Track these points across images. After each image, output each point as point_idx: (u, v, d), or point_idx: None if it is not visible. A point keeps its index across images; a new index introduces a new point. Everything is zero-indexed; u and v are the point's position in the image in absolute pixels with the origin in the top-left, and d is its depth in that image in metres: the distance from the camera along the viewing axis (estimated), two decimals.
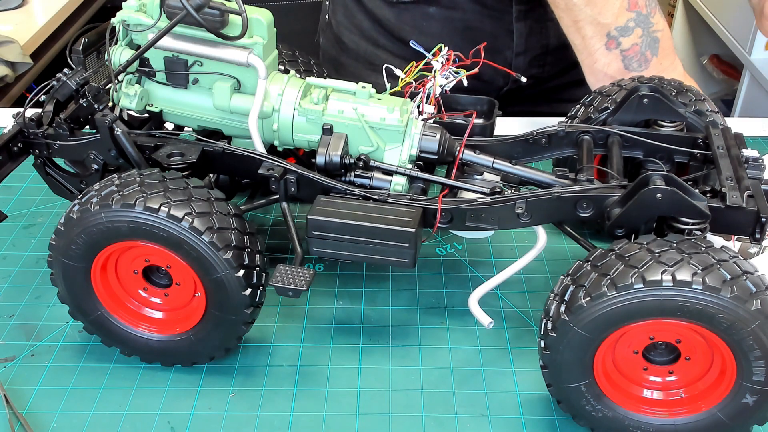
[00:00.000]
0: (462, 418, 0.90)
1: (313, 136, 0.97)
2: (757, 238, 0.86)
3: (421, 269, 1.10)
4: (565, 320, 0.80)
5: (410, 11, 1.28)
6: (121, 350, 0.97)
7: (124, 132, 0.95)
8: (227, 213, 0.88)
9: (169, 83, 0.98)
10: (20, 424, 0.88)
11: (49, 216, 1.20)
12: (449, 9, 1.33)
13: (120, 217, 0.85)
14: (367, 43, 1.39)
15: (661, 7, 1.21)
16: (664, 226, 0.87)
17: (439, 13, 1.34)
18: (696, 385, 0.84)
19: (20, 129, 0.98)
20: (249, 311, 0.89)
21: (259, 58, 0.94)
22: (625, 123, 1.02)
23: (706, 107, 1.04)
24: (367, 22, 1.40)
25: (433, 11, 1.33)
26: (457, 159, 0.98)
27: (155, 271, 0.94)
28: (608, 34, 1.14)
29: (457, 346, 0.99)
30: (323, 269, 1.10)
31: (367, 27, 1.40)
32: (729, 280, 0.76)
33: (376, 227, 0.88)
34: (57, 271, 0.91)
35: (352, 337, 1.00)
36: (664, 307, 0.77)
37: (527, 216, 0.91)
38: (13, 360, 0.97)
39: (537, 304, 1.05)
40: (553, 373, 0.84)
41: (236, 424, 0.89)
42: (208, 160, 0.97)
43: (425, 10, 1.33)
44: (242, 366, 0.96)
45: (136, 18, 0.95)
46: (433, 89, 1.00)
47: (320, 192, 0.93)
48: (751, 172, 0.89)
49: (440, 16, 1.33)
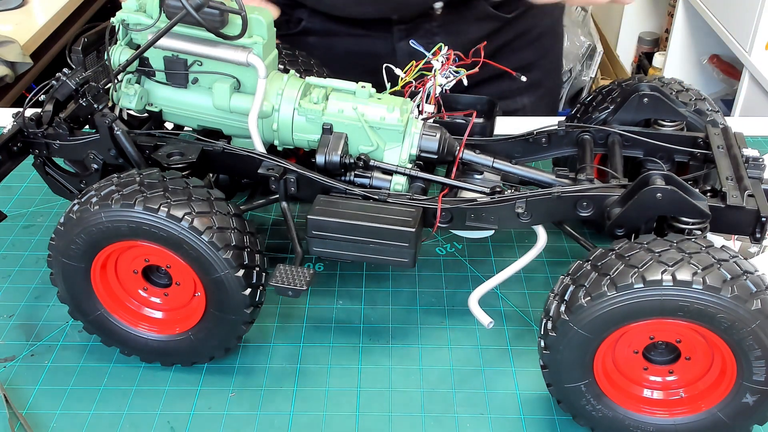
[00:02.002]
0: (462, 418, 0.90)
1: (312, 136, 0.97)
2: (758, 237, 0.86)
3: (421, 269, 1.10)
4: (566, 320, 0.80)
5: (291, 42, 1.31)
6: (121, 350, 0.96)
7: (124, 131, 0.95)
8: (227, 213, 0.88)
9: (168, 83, 0.98)
10: (20, 424, 0.88)
11: (49, 216, 1.20)
12: (325, 37, 1.37)
13: (120, 216, 0.85)
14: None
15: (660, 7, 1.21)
16: (665, 225, 0.87)
17: (317, 42, 1.38)
18: (696, 384, 0.84)
19: (20, 129, 0.98)
20: (249, 311, 0.89)
21: (258, 58, 0.94)
22: (626, 122, 1.02)
23: (706, 107, 1.04)
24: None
25: (312, 41, 1.38)
26: (457, 158, 0.98)
27: (155, 270, 0.94)
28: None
29: (457, 346, 0.99)
30: (323, 269, 1.10)
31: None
32: (729, 279, 0.76)
33: (376, 227, 0.88)
34: (57, 271, 0.91)
35: (352, 337, 1.00)
36: (664, 307, 0.77)
37: (527, 215, 0.91)
38: (13, 360, 0.97)
39: (537, 303, 1.05)
40: (553, 373, 0.84)
41: (236, 424, 0.89)
42: (208, 160, 0.97)
43: (305, 40, 1.38)
44: (242, 366, 0.96)
45: (135, 18, 0.95)
46: (433, 89, 1.00)
47: (320, 192, 0.93)
48: (751, 172, 0.89)
49: (319, 44, 1.37)
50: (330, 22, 1.36)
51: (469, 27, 1.35)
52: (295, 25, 1.39)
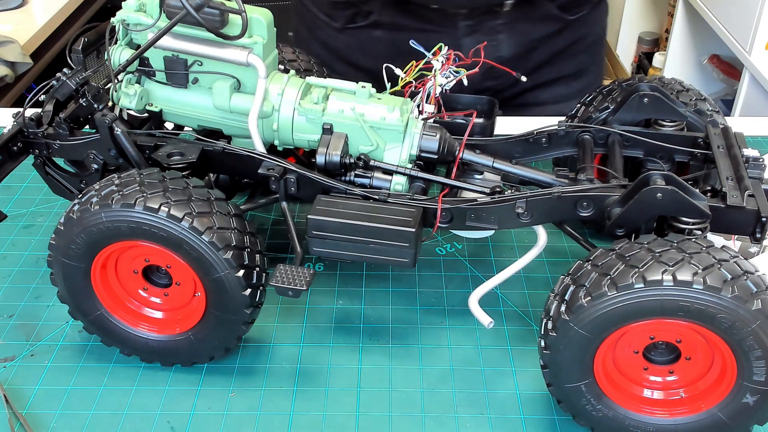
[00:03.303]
0: (462, 418, 0.90)
1: (313, 136, 0.97)
2: (758, 237, 0.86)
3: (421, 269, 1.10)
4: (566, 320, 0.80)
5: (356, 36, 1.33)
6: (121, 350, 0.96)
7: (124, 131, 0.95)
8: (227, 213, 0.88)
9: (168, 83, 0.98)
10: (20, 424, 0.88)
11: (49, 216, 1.20)
12: (392, 31, 1.37)
13: (120, 216, 0.85)
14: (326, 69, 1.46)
15: (660, 7, 1.22)
16: (665, 225, 0.87)
17: (384, 35, 1.38)
18: (696, 384, 0.84)
19: (20, 129, 0.98)
20: (249, 311, 0.89)
21: (259, 58, 0.94)
22: (626, 122, 1.02)
23: (706, 107, 1.04)
24: (320, 49, 1.46)
25: (378, 34, 1.38)
26: (457, 158, 0.98)
27: (155, 270, 0.94)
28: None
29: (457, 346, 0.99)
30: (323, 269, 1.10)
31: (322, 54, 1.45)
32: (729, 279, 0.76)
33: (376, 227, 0.88)
34: (57, 271, 0.91)
35: (352, 337, 1.00)
36: (664, 307, 0.77)
37: (527, 215, 0.91)
38: (13, 360, 0.97)
39: (537, 304, 1.05)
40: (554, 373, 0.84)
41: (236, 424, 0.89)
42: (208, 160, 0.97)
43: (369, 34, 1.38)
44: (242, 366, 0.96)
45: (135, 17, 0.95)
46: (433, 89, 1.00)
47: (320, 192, 0.93)
48: (751, 172, 0.89)
49: (385, 38, 1.38)
50: (400, 16, 1.36)
51: (532, 27, 1.37)
52: (363, 18, 1.39)
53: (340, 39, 1.41)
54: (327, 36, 1.43)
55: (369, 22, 1.38)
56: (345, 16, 1.29)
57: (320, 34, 1.44)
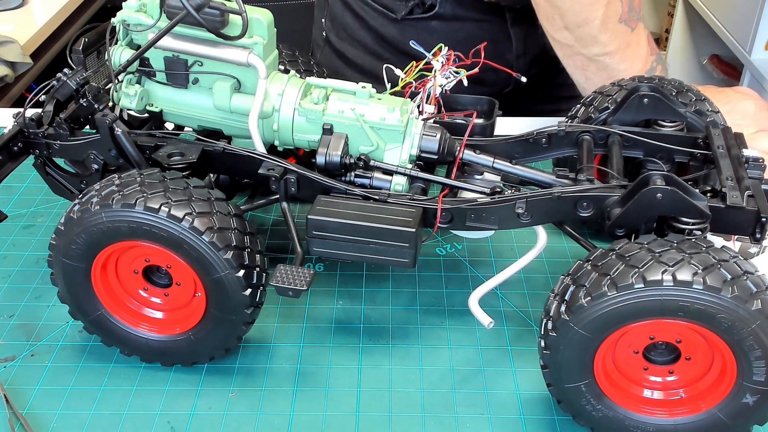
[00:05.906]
0: (462, 418, 0.90)
1: (313, 136, 0.97)
2: (758, 237, 0.86)
3: (421, 269, 1.10)
4: (566, 320, 0.80)
5: (413, 26, 1.36)
6: (121, 350, 0.97)
7: (124, 132, 0.95)
8: (227, 213, 0.88)
9: (169, 83, 0.98)
10: (20, 424, 0.88)
11: (49, 216, 1.20)
12: (450, 21, 1.40)
13: (120, 217, 0.85)
14: (371, 57, 1.50)
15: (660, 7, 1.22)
16: (665, 226, 0.87)
17: (440, 26, 1.40)
18: (696, 385, 0.84)
19: (20, 129, 0.98)
20: (249, 311, 0.89)
21: (259, 58, 0.94)
22: (626, 123, 1.02)
23: (706, 107, 1.04)
24: (370, 38, 1.48)
25: (435, 24, 1.40)
26: (457, 159, 0.98)
27: (155, 270, 0.94)
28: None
29: (457, 346, 0.99)
30: (323, 269, 1.10)
31: (370, 42, 1.48)
32: (729, 280, 0.76)
33: (376, 227, 0.88)
34: (57, 271, 0.91)
35: (352, 337, 1.00)
36: (664, 307, 0.77)
37: (527, 216, 0.91)
38: (13, 360, 0.97)
39: (537, 304, 1.05)
40: (554, 373, 0.84)
41: (236, 424, 0.89)
42: (209, 160, 0.97)
43: (427, 25, 1.40)
44: (242, 366, 0.96)
45: (136, 18, 0.95)
46: (433, 89, 1.00)
47: (320, 192, 0.93)
48: (751, 172, 0.89)
49: (442, 28, 1.40)
50: (461, 7, 1.39)
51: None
52: (426, 9, 1.41)
53: (395, 28, 1.44)
54: (380, 24, 1.46)
55: (431, 14, 1.40)
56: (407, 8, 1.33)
57: (373, 22, 1.47)
